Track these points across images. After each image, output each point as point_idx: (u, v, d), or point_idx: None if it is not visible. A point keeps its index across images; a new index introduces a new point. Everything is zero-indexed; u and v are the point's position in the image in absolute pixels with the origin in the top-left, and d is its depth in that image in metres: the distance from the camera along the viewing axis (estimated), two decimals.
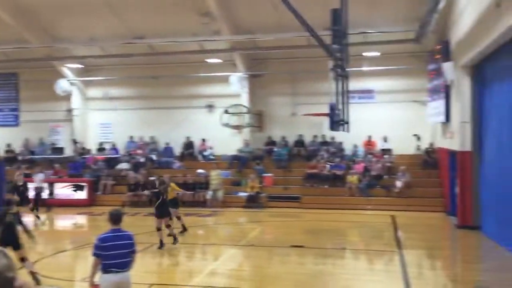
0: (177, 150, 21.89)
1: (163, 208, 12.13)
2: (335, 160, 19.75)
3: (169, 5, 17.34)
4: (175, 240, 12.14)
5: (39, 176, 18.28)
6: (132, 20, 18.49)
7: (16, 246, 8.59)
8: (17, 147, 22.83)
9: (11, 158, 21.86)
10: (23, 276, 7.48)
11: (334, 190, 18.91)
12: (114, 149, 22.07)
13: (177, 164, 21.12)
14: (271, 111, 21.49)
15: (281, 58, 20.91)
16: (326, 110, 11.54)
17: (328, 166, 19.54)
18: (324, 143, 20.80)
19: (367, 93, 20.49)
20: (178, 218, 13.69)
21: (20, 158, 22.12)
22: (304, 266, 10.66)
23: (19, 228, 9.71)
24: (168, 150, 21.78)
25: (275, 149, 21.00)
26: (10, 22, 17.90)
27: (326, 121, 12.55)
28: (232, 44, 19.48)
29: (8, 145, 22.58)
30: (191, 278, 9.67)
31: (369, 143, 20.52)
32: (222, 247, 12.60)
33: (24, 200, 15.45)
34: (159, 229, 11.95)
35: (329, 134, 19.98)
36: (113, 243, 6.10)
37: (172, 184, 13.90)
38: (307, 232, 14.59)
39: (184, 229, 13.70)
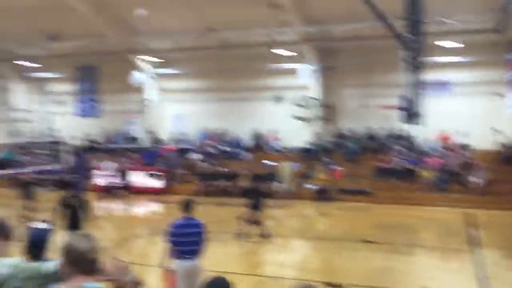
0: (246, 141, 22.13)
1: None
2: (407, 154, 19.16)
3: None
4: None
5: (110, 165, 19.30)
6: (205, 14, 18.84)
7: (78, 228, 9.27)
8: (97, 136, 24.01)
9: (91, 147, 23.06)
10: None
11: (405, 185, 18.36)
12: (186, 140, 22.68)
13: (246, 155, 21.37)
14: (342, 104, 21.18)
15: (352, 49, 20.52)
16: (398, 102, 11.22)
17: (399, 160, 18.99)
18: (396, 136, 20.23)
19: (441, 85, 19.63)
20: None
21: (99, 147, 23.26)
22: (373, 262, 10.46)
23: (85, 213, 10.30)
24: (237, 142, 22.09)
25: (345, 142, 20.69)
26: (91, 17, 18.79)
27: (398, 113, 12.20)
28: (302, 36, 19.36)
29: (89, 135, 23.80)
30: (260, 268, 9.79)
31: (444, 137, 19.71)
32: (290, 239, 12.63)
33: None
34: (253, 222, 11.75)
35: (401, 127, 19.38)
36: (185, 230, 6.30)
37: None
38: (377, 227, 14.29)
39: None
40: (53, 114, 25.11)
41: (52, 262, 3.07)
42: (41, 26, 18.67)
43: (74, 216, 9.86)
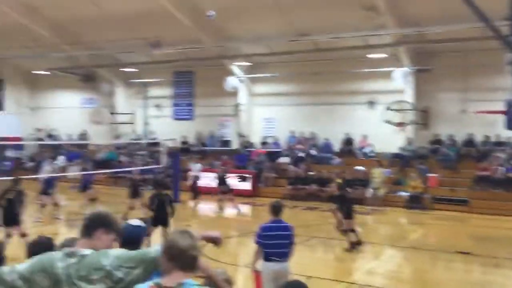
0: (337, 146, 21.89)
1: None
2: (511, 162, 17.90)
3: (332, 0, 17.38)
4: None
5: (197, 166, 20.00)
6: (297, 18, 18.94)
7: (166, 224, 10.20)
8: (191, 139, 24.99)
9: (185, 149, 24.03)
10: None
11: (508, 195, 17.16)
12: (276, 143, 22.91)
13: (336, 160, 21.15)
14: (438, 108, 20.27)
15: (450, 51, 19.58)
16: (502, 107, 10.53)
17: (503, 168, 17.79)
18: (499, 143, 18.97)
19: None
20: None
21: (193, 149, 24.19)
22: (470, 274, 9.91)
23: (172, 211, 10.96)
24: (327, 146, 21.92)
25: (441, 148, 19.77)
26: (188, 24, 19.62)
27: (501, 119, 11.45)
28: (397, 38, 18.82)
29: (184, 137, 24.84)
30: (348, 274, 9.64)
31: None
32: (381, 247, 12.31)
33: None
34: (347, 230, 11.45)
35: (505, 134, 18.13)
36: (274, 233, 6.38)
37: (337, 180, 13.57)
38: (475, 238, 13.49)
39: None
40: (152, 117, 26.51)
41: (154, 248, 3.16)
42: (143, 35, 19.81)
43: (162, 213, 10.52)
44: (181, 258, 2.83)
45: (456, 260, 10.79)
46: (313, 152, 21.77)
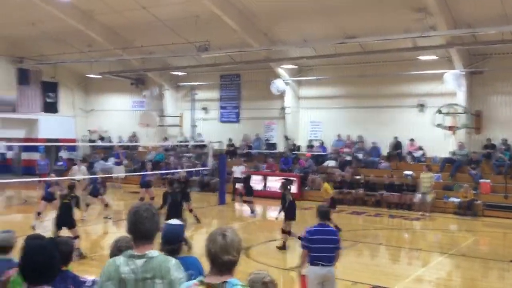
0: (384, 150, 21.51)
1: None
2: None
3: (380, 2, 17.14)
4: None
5: (240, 168, 20.15)
6: (343, 20, 18.79)
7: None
8: (237, 141, 25.19)
9: (232, 151, 24.26)
10: None
11: None
12: (322, 146, 22.75)
13: (383, 164, 20.78)
14: (491, 111, 19.56)
15: (504, 53, 18.87)
16: None
17: None
18: None
19: None
20: None
21: (239, 152, 24.38)
22: None
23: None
24: (375, 150, 21.57)
25: (495, 153, 19.06)
26: (236, 28, 19.82)
27: None
28: (448, 39, 18.31)
29: (230, 140, 25.08)
30: (395, 281, 9.46)
31: None
32: (429, 254, 12.00)
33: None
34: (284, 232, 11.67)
35: None
36: (320, 237, 6.36)
37: (325, 185, 13.41)
38: None
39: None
40: (199, 119, 26.92)
41: (191, 258, 3.26)
42: (192, 39, 20.17)
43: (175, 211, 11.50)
44: (215, 261, 2.86)
45: (510, 269, 10.38)
46: (360, 155, 21.48)
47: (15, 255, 4.40)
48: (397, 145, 21.14)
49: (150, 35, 21.80)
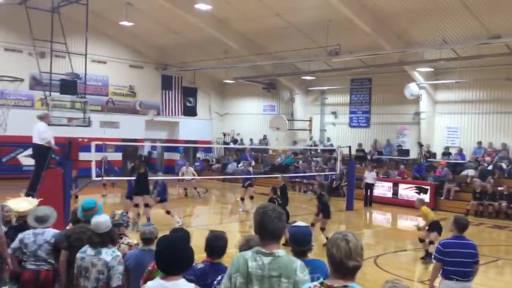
0: None
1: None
2: None
3: None
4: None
5: (371, 174, 19.67)
6: (487, 20, 17.45)
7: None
8: (367, 147, 24.65)
9: (361, 156, 23.79)
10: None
11: None
12: (461, 154, 21.31)
13: None
14: None
15: None
16: None
17: None
18: None
19: None
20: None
21: (369, 157, 23.82)
22: None
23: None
24: None
25: None
26: (368, 31, 19.43)
27: None
28: None
29: (360, 145, 24.62)
30: None
31: None
32: None
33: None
34: None
35: None
36: (456, 250, 5.99)
37: (423, 209, 10.99)
38: None
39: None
40: (329, 123, 26.86)
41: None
42: (323, 43, 20.23)
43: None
44: (339, 267, 2.85)
45: None
46: (504, 165, 19.73)
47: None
48: None
49: (283, 41, 22.29)
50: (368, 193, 19.93)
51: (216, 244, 4.39)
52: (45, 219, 5.82)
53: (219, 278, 4.02)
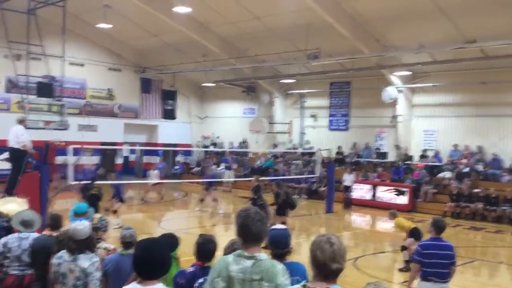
0: (507, 162, 19.90)
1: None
2: None
3: (503, 4, 15.95)
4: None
5: (350, 177, 19.85)
6: (463, 25, 17.77)
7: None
8: (346, 149, 24.83)
9: (340, 159, 23.97)
10: None
11: None
12: (437, 156, 21.63)
13: (506, 177, 19.24)
14: None
15: None
16: None
17: None
18: None
19: None
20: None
21: (347, 160, 24.01)
22: None
23: None
24: (496, 161, 20.03)
25: None
26: (347, 35, 19.59)
27: None
28: None
29: (339, 148, 24.80)
30: None
31: None
32: None
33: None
34: None
35: None
36: (434, 251, 6.07)
37: (396, 220, 10.65)
38: None
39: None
40: (308, 126, 26.98)
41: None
42: (303, 47, 20.33)
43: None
44: (322, 269, 2.85)
45: None
46: (480, 167, 20.10)
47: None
48: None
49: (262, 44, 22.34)
50: (346, 196, 20.10)
51: (206, 247, 4.37)
52: (31, 224, 5.74)
53: (200, 280, 3.99)
